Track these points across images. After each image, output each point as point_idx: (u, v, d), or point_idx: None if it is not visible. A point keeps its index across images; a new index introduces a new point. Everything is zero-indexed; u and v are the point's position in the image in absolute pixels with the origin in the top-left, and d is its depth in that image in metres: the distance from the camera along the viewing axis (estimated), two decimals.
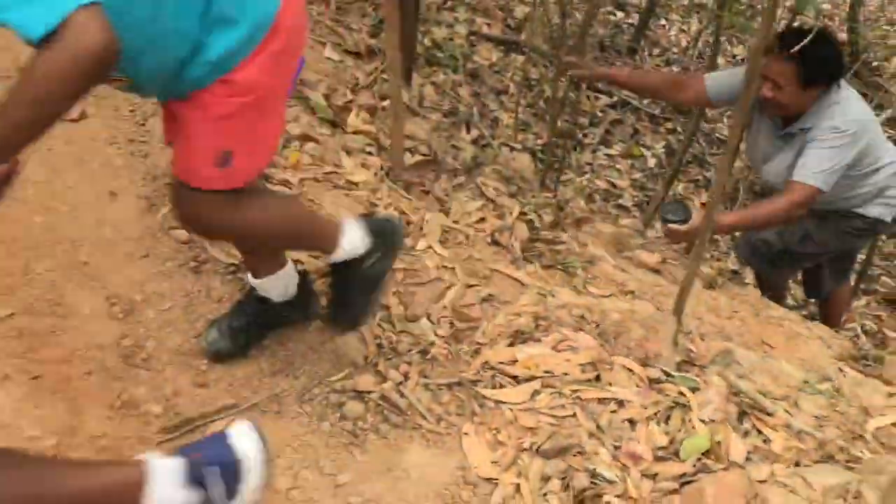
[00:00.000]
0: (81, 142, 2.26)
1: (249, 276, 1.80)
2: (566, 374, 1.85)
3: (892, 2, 6.92)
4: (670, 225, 2.59)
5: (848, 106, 2.57)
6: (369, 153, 2.53)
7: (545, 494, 1.62)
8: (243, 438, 1.29)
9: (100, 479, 1.18)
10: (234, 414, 1.71)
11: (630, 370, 1.91)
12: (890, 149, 2.84)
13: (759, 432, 1.96)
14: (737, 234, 3.69)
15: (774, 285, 3.20)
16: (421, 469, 1.66)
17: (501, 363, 1.87)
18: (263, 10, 1.37)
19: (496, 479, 1.64)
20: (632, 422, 1.78)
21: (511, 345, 1.93)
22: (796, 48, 2.00)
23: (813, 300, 3.72)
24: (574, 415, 1.76)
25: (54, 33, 1.04)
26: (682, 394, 1.89)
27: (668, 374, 1.95)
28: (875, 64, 6.35)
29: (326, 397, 1.77)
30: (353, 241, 1.69)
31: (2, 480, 1.09)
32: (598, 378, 1.86)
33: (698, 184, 4.87)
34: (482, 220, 2.42)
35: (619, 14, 6.25)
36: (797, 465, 1.86)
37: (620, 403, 1.81)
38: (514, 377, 1.84)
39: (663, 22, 6.41)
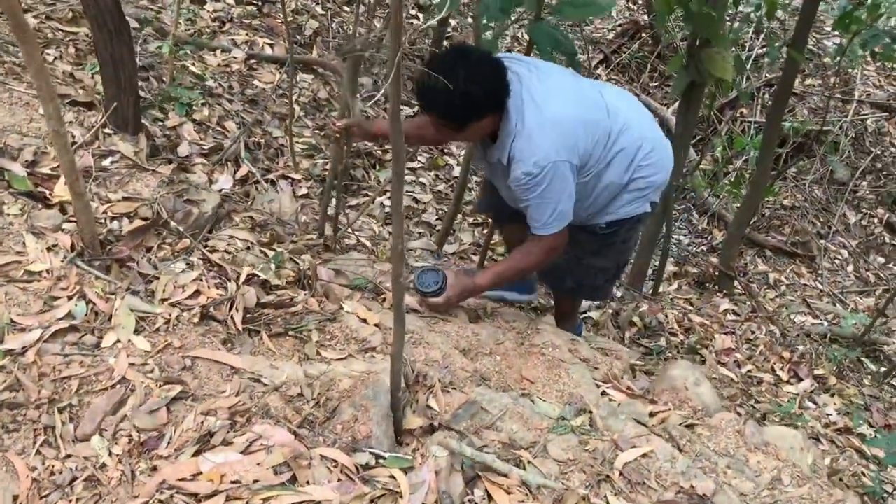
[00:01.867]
0: None
1: None
2: (256, 480, 1.64)
3: None
4: (428, 299, 2.58)
5: (532, 138, 2.23)
6: (64, 230, 2.22)
7: None
8: None
9: None
10: None
11: (334, 461, 1.73)
12: (616, 134, 2.38)
13: (491, 498, 1.83)
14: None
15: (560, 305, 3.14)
16: None
17: (182, 479, 1.63)
18: None
19: None
20: None
21: (198, 453, 1.70)
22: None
23: None
24: None
25: None
26: (393, 477, 1.73)
27: (378, 458, 1.78)
28: (675, 45, 6.52)
29: None
30: None
31: None
32: (293, 479, 1.67)
33: None
34: (196, 293, 2.17)
35: (423, 16, 6.11)
36: None
37: None
38: (195, 495, 1.61)
39: (471, 20, 6.32)
